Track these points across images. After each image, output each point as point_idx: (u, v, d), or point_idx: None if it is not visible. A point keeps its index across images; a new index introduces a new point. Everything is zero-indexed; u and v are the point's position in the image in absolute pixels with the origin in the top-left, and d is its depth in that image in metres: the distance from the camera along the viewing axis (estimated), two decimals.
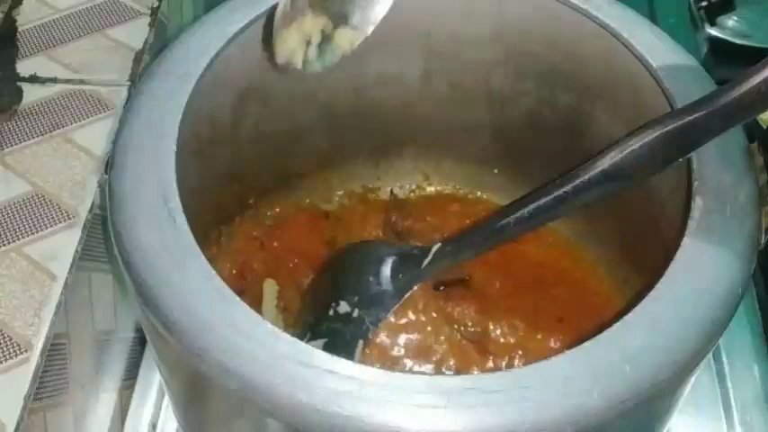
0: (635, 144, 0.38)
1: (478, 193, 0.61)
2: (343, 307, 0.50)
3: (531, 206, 0.42)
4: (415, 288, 0.50)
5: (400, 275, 0.50)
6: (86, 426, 0.53)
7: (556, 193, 0.41)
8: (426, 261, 0.48)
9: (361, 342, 0.49)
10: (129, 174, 0.39)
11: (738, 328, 0.60)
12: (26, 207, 0.50)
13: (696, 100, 0.36)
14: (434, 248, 0.48)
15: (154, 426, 0.58)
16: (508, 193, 0.58)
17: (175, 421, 0.57)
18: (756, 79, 0.34)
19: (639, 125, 0.38)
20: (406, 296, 0.50)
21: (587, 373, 0.33)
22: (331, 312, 0.51)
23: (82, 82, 0.56)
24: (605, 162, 0.39)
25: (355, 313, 0.50)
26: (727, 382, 0.59)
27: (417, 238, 0.57)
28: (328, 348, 0.48)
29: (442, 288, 0.55)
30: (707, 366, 0.59)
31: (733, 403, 0.58)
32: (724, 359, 0.59)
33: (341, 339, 0.49)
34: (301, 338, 0.50)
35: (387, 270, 0.51)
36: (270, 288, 0.56)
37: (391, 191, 0.61)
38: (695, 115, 0.36)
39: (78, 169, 0.52)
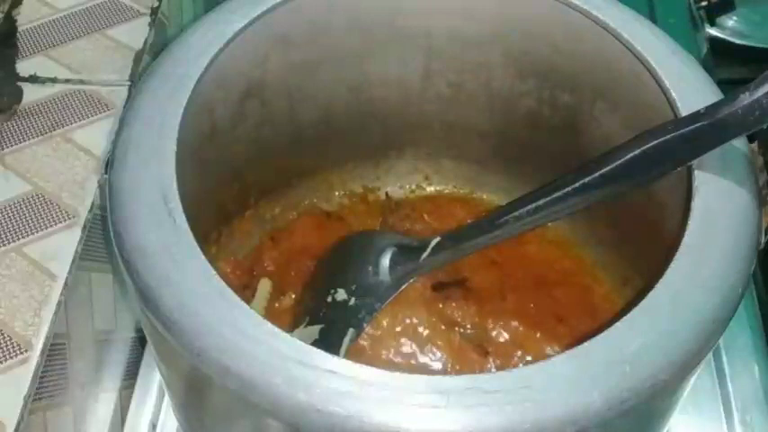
0: (636, 150, 0.38)
1: (478, 193, 0.61)
2: (341, 294, 0.51)
3: (531, 205, 0.42)
4: (412, 281, 0.51)
5: (398, 267, 0.51)
6: (86, 426, 0.53)
7: (555, 194, 0.41)
8: (425, 254, 0.48)
9: (352, 331, 0.49)
10: (129, 173, 0.39)
11: (738, 328, 0.60)
12: (26, 207, 0.50)
13: (699, 110, 0.36)
14: (433, 242, 0.48)
15: (154, 426, 0.58)
16: (508, 193, 0.58)
17: (175, 421, 0.57)
18: (759, 93, 0.34)
19: (641, 130, 0.38)
20: (401, 288, 0.50)
21: (587, 373, 0.33)
22: (329, 299, 0.51)
23: (82, 82, 0.56)
24: (606, 166, 0.39)
25: (352, 302, 0.50)
26: (727, 382, 0.59)
27: None
28: (324, 335, 0.48)
29: (441, 290, 0.55)
30: (707, 366, 0.59)
31: (733, 403, 0.58)
32: (724, 359, 0.59)
33: (336, 327, 0.50)
34: (299, 324, 0.50)
35: (385, 261, 0.51)
36: (263, 287, 0.56)
37: (386, 193, 0.61)
38: (697, 125, 0.36)
39: (78, 169, 0.51)
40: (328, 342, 0.49)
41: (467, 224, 0.50)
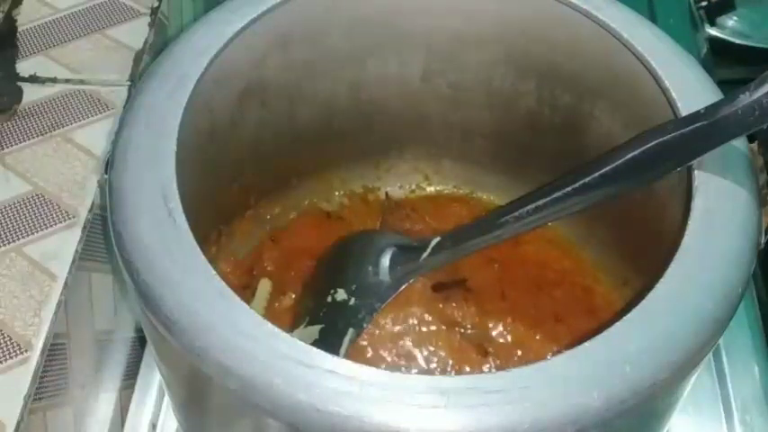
0: (635, 150, 0.38)
1: (478, 194, 0.61)
2: (341, 294, 0.51)
3: (531, 205, 0.42)
4: (412, 281, 0.50)
5: (398, 267, 0.51)
6: (86, 426, 0.53)
7: (555, 195, 0.41)
8: (425, 255, 0.48)
9: (352, 331, 0.49)
10: (130, 173, 0.39)
11: (738, 328, 0.60)
12: (26, 207, 0.50)
13: (699, 110, 0.36)
14: (433, 242, 0.48)
15: (154, 426, 0.58)
16: (508, 192, 0.58)
17: (175, 421, 0.57)
18: (758, 93, 0.34)
19: (641, 130, 0.38)
20: (401, 288, 0.50)
21: (587, 373, 0.33)
22: (329, 299, 0.51)
23: (82, 82, 0.56)
24: (606, 166, 0.39)
25: (352, 302, 0.50)
26: (727, 382, 0.59)
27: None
28: (324, 335, 0.48)
29: (441, 290, 0.55)
30: (707, 366, 0.59)
31: (733, 403, 0.58)
32: (724, 359, 0.59)
33: (337, 327, 0.50)
34: (299, 324, 0.50)
35: (385, 261, 0.51)
36: (263, 287, 0.56)
37: (386, 193, 0.61)
38: (697, 125, 0.36)
39: (78, 169, 0.51)
40: (328, 342, 0.49)
41: (467, 224, 0.50)
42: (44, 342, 0.45)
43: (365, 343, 0.53)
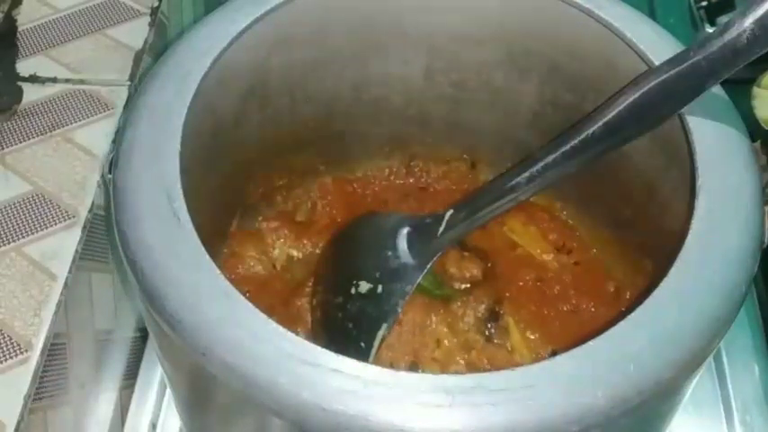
0: (635, 94, 0.38)
1: None
2: (364, 286, 0.50)
3: (540, 164, 0.41)
4: (438, 257, 0.50)
5: (417, 246, 0.50)
6: (86, 426, 0.53)
7: (563, 149, 0.40)
8: (441, 229, 0.48)
9: (391, 319, 0.48)
10: (134, 173, 0.39)
11: (738, 328, 0.60)
12: (26, 207, 0.50)
13: (690, 47, 0.36)
14: (447, 215, 0.48)
15: (154, 425, 0.58)
16: None
17: (176, 421, 0.57)
18: (747, 21, 0.34)
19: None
20: (428, 267, 0.49)
21: (591, 372, 0.33)
22: (353, 291, 0.50)
23: (82, 82, 0.56)
24: (607, 115, 0.39)
25: (379, 289, 0.50)
26: (727, 382, 0.59)
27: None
28: (355, 331, 0.48)
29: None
30: (707, 367, 0.59)
31: (733, 403, 0.58)
32: (724, 359, 0.60)
33: (368, 318, 0.49)
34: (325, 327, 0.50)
35: (403, 243, 0.50)
36: None
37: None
38: (692, 61, 0.36)
39: (78, 169, 0.51)
40: (358, 339, 0.49)
41: (478, 191, 0.49)
42: (44, 342, 0.45)
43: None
